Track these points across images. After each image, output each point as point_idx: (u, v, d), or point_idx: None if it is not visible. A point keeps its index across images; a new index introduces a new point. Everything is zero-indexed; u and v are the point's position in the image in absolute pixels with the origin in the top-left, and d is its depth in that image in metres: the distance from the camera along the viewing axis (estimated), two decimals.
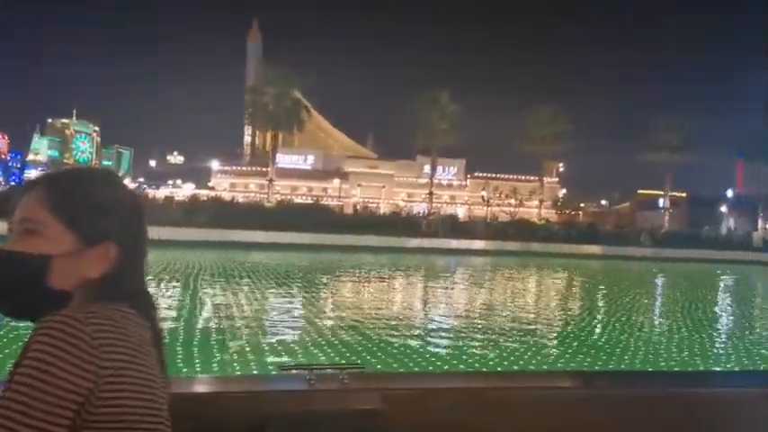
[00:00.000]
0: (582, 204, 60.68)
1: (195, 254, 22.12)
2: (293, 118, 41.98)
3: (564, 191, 71.20)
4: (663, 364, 7.29)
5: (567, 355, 7.74)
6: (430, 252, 35.87)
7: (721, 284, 24.65)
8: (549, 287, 18.87)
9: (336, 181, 44.72)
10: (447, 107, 43.87)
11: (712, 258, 41.90)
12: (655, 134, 50.11)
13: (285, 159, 59.79)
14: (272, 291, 13.28)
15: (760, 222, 51.70)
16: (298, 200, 48.67)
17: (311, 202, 43.97)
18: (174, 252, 19.99)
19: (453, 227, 40.58)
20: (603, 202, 70.81)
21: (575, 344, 8.63)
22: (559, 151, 50.44)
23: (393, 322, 9.89)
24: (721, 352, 8.66)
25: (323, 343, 7.81)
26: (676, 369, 6.90)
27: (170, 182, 55.44)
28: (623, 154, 66.95)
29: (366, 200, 58.07)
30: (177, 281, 13.69)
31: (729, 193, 65.89)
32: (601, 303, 15.23)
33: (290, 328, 8.90)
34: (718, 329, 11.24)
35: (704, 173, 79.87)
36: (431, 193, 46.33)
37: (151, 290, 0.98)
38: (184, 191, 50.97)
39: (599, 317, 12.12)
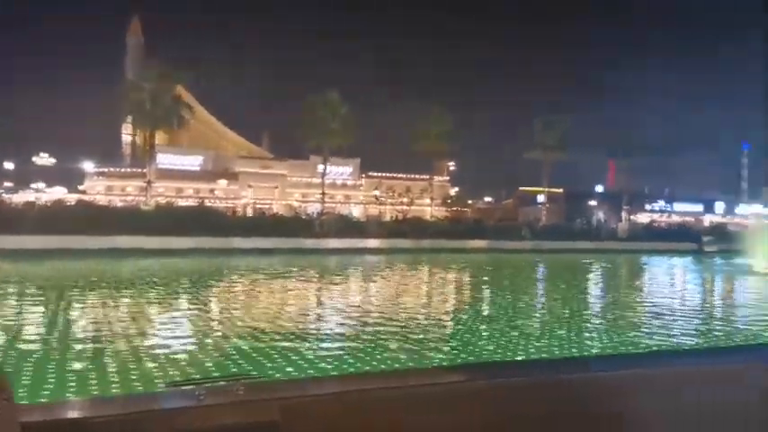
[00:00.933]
0: (470, 201, 63.41)
1: (61, 263, 20.11)
2: (173, 115, 39.70)
3: (456, 189, 74.14)
4: (538, 348, 7.61)
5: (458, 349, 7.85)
6: (323, 253, 35.65)
7: (591, 271, 26.78)
8: (436, 282, 19.35)
9: (223, 182, 42.91)
10: (338, 107, 43.85)
11: (584, 249, 45.73)
12: (535, 134, 53.58)
13: (169, 160, 56.51)
14: (151, 300, 12.32)
15: (624, 215, 57.13)
16: (183, 202, 46.17)
17: (195, 204, 41.80)
18: (30, 263, 18.00)
19: (346, 226, 40.61)
20: (488, 198, 74.49)
21: (460, 335, 8.80)
22: (448, 150, 52.31)
23: (288, 326, 9.51)
24: (595, 335, 9.18)
25: (215, 353, 7.27)
26: (560, 356, 7.13)
27: (34, 185, 49.98)
28: (511, 153, 70.96)
29: (258, 201, 56.51)
30: (34, 295, 12.24)
31: (599, 189, 72.21)
32: (482, 294, 15.86)
33: (174, 340, 8.21)
34: (593, 313, 12.03)
35: (581, 170, 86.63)
36: (323, 193, 46.05)
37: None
38: (52, 195, 46.28)
39: (478, 308, 12.55)
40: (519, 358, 7.08)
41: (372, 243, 41.03)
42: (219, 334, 8.74)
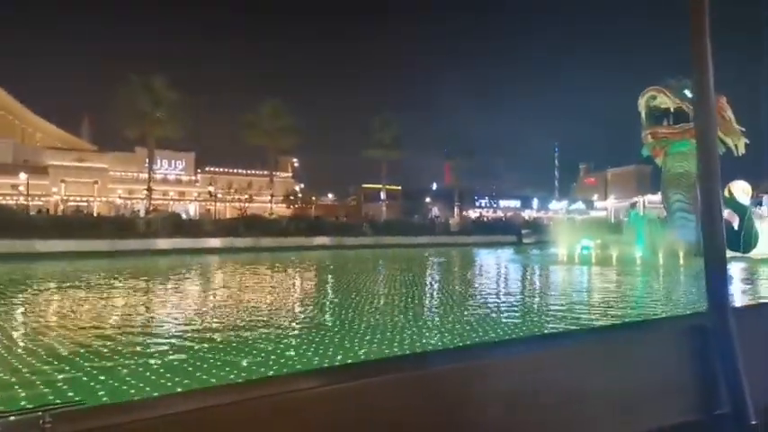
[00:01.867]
0: (313, 198, 62.95)
1: None
2: None
3: (302, 186, 73.20)
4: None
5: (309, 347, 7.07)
6: (148, 254, 32.43)
7: (427, 262, 27.87)
8: (269, 281, 18.33)
9: (23, 176, 36.80)
10: (162, 94, 40.18)
11: (421, 243, 48.09)
12: (373, 133, 54.88)
13: None
14: None
15: (456, 210, 61.26)
16: None
17: None
18: None
19: (176, 225, 37.50)
20: (330, 195, 74.85)
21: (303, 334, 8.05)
22: (288, 146, 51.23)
23: (105, 342, 7.88)
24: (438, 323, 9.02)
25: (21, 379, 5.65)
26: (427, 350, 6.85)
27: None
28: (354, 151, 72.23)
29: (73, 198, 49.94)
30: None
31: (434, 186, 76.57)
32: (316, 291, 15.32)
33: None
34: (431, 304, 12.02)
35: (421, 169, 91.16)
36: (149, 189, 41.99)
37: None
38: None
39: (312, 305, 11.94)
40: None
41: (206, 242, 38.57)
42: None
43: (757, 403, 1.84)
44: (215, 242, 38.97)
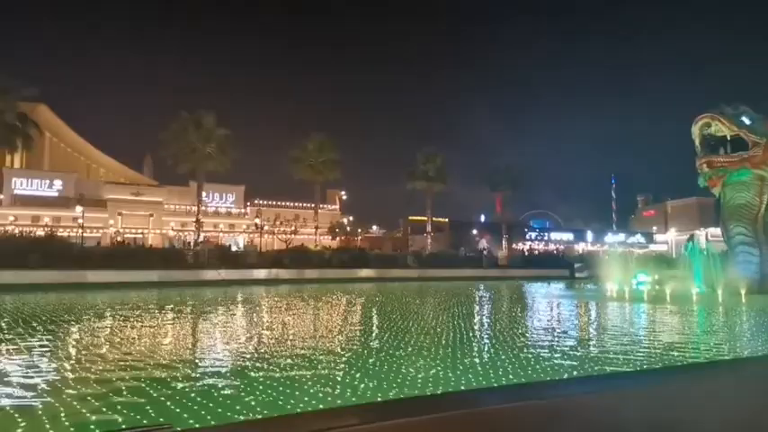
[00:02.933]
0: (359, 230, 63.11)
1: None
2: (15, 135, 35.34)
3: (350, 218, 73.81)
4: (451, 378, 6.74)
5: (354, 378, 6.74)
6: (193, 285, 33.08)
7: (470, 297, 26.97)
8: (302, 314, 18.12)
9: (79, 209, 38.67)
10: (212, 130, 41.71)
11: (467, 276, 47.07)
12: (417, 166, 54.85)
13: (24, 185, 50.69)
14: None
15: (504, 243, 59.80)
16: (40, 231, 41.18)
17: (45, 233, 37.30)
18: None
19: (223, 257, 38.22)
20: (375, 227, 74.87)
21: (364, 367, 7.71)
22: (333, 178, 51.81)
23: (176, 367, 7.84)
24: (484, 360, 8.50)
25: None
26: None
27: None
28: (399, 184, 72.67)
29: (129, 230, 52.05)
30: None
31: (483, 218, 75.32)
32: (351, 322, 14.94)
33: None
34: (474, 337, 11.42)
35: (471, 200, 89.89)
36: (198, 221, 43.22)
37: None
38: None
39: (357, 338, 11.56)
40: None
41: (251, 273, 39.09)
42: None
43: None
44: (260, 273, 39.46)
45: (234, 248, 46.61)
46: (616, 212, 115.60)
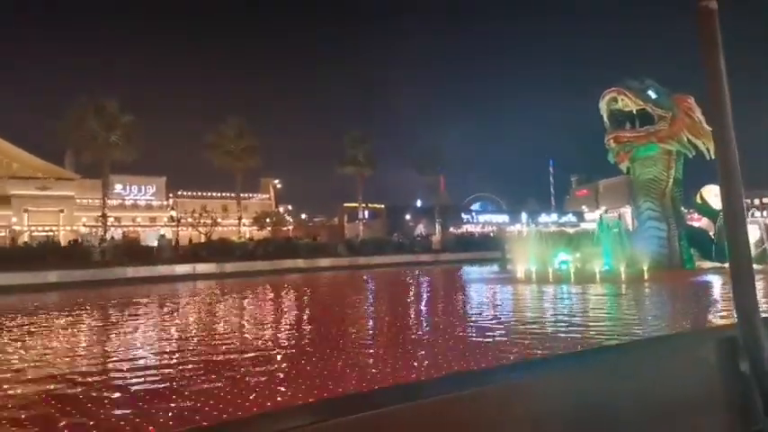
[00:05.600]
0: (288, 218, 61.21)
1: None
2: None
3: (289, 207, 71.59)
4: None
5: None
6: (99, 285, 30.57)
7: (383, 284, 26.02)
8: (206, 312, 16.49)
9: None
10: (117, 117, 38.69)
11: (399, 262, 46.27)
12: (347, 150, 53.41)
13: None
14: None
15: (438, 227, 59.35)
16: None
17: None
18: None
19: (132, 252, 35.68)
20: (304, 216, 73.21)
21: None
22: (254, 165, 49.53)
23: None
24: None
25: None
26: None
27: None
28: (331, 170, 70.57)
29: (37, 228, 48.26)
30: None
31: (419, 203, 74.79)
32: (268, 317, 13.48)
33: None
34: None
35: (413, 185, 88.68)
36: (104, 215, 40.20)
37: None
38: None
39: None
40: None
41: (164, 270, 36.74)
42: None
43: None
44: (175, 269, 37.16)
45: (155, 243, 43.92)
46: (555, 194, 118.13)
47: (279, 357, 8.45)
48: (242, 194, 54.75)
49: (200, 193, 59.05)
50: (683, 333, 6.54)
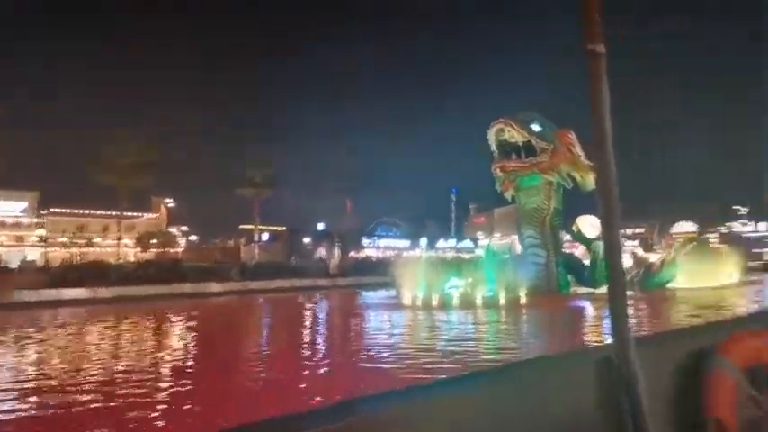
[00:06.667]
0: (179, 239, 57.73)
1: None
2: None
3: (184, 228, 67.47)
4: None
5: None
6: None
7: (263, 311, 24.73)
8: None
9: None
10: None
11: (294, 287, 44.83)
12: (247, 171, 51.57)
13: None
14: None
15: (336, 251, 58.64)
16: None
17: None
18: None
19: None
20: (194, 237, 69.67)
21: None
22: (146, 184, 46.26)
23: None
24: None
25: None
26: None
27: None
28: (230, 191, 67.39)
29: None
30: None
31: (321, 226, 73.84)
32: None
33: None
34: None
35: (317, 208, 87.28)
36: None
37: None
38: None
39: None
40: None
41: (29, 295, 32.74)
42: None
43: (661, 429, 1.98)
44: (39, 294, 33.22)
45: (17, 264, 39.14)
46: (455, 220, 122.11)
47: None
48: (128, 213, 50.89)
49: (78, 211, 54.07)
50: (563, 354, 6.16)
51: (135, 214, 56.92)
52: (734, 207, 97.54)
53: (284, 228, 71.79)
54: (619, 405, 1.94)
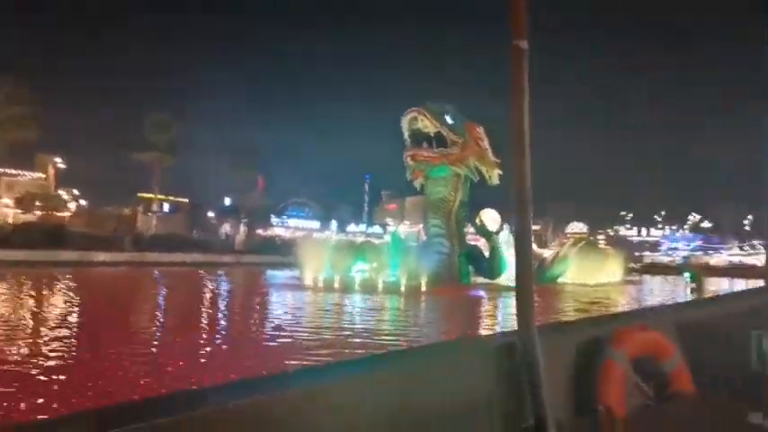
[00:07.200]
0: (68, 203, 53.10)
1: None
2: None
3: (74, 191, 61.89)
4: None
5: None
6: None
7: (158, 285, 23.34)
8: None
9: None
10: None
11: (194, 262, 42.90)
12: (148, 133, 48.22)
13: None
14: None
15: (243, 228, 56.88)
16: None
17: None
18: None
19: None
20: (83, 202, 64.64)
21: None
22: (28, 138, 41.77)
23: None
24: None
25: None
26: None
27: None
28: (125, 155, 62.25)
29: None
30: None
31: (227, 201, 71.11)
32: None
33: None
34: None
35: (232, 181, 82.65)
36: None
37: None
38: None
39: None
40: None
41: None
42: None
43: (558, 414, 1.99)
44: None
45: None
46: (368, 206, 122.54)
47: None
48: (10, 171, 46.03)
49: None
50: (467, 339, 6.49)
51: (17, 172, 51.73)
52: (621, 213, 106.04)
53: (187, 200, 68.26)
54: (519, 389, 1.98)
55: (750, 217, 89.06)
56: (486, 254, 26.65)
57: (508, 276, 24.99)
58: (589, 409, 2.29)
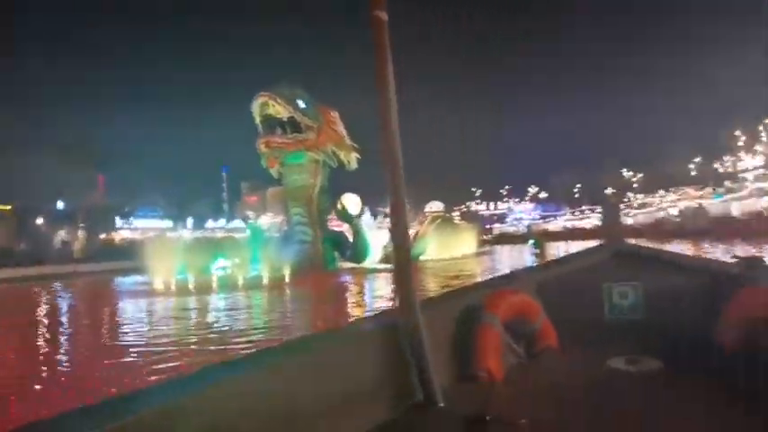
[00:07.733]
0: None
1: None
2: None
3: None
4: None
5: None
6: None
7: None
8: None
9: None
10: None
11: (27, 276, 37.35)
12: None
13: None
14: None
15: (81, 234, 50.88)
16: None
17: None
18: None
19: None
20: None
21: None
22: None
23: None
24: None
25: None
26: None
27: None
28: None
29: None
30: None
31: (61, 205, 63.23)
32: None
33: None
34: None
35: (63, 185, 72.78)
36: None
37: None
38: None
39: None
40: None
41: None
42: None
43: (444, 384, 2.06)
44: None
45: None
46: (228, 200, 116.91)
47: None
48: None
49: None
50: (350, 324, 6.18)
51: None
52: (471, 189, 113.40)
53: (9, 206, 59.33)
54: (406, 367, 2.01)
55: (579, 185, 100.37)
56: (351, 239, 26.58)
57: (373, 259, 25.16)
58: (472, 375, 2.36)
